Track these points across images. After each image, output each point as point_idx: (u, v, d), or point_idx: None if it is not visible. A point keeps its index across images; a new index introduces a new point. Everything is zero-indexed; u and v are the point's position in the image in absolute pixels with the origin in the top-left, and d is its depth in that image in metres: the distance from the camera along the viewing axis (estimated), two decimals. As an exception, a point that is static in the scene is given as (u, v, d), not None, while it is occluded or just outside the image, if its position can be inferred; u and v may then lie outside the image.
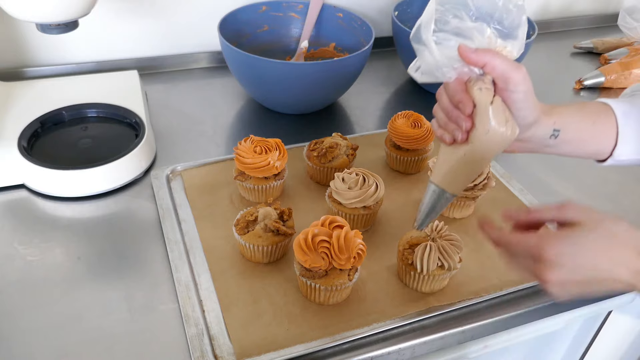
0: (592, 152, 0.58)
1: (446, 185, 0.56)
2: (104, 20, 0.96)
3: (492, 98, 0.50)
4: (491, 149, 0.52)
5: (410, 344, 0.59)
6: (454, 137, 0.53)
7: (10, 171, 0.74)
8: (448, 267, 0.62)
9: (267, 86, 0.89)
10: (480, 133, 0.51)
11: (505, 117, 0.51)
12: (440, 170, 0.56)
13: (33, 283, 0.62)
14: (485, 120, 0.50)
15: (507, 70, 0.50)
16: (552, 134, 0.55)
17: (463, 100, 0.51)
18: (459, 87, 0.51)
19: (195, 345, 0.56)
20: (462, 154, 0.53)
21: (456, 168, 0.54)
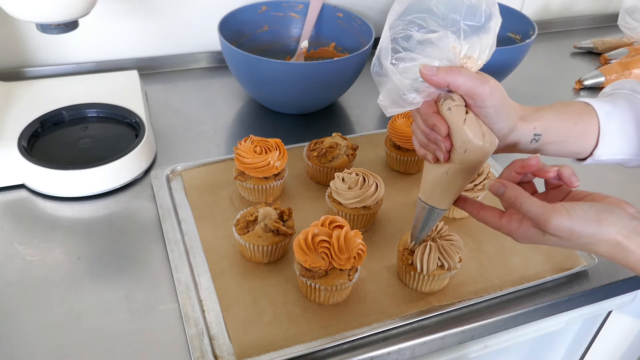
0: (573, 152, 0.58)
1: (435, 202, 0.56)
2: (104, 20, 0.96)
3: (465, 115, 0.50)
4: (473, 163, 0.52)
5: (410, 344, 0.59)
6: (436, 157, 0.53)
7: (10, 171, 0.74)
8: (448, 267, 0.62)
9: (267, 86, 0.89)
10: (459, 152, 0.51)
11: (481, 132, 0.50)
12: (427, 187, 0.56)
13: (33, 283, 0.62)
14: (462, 139, 0.50)
15: (471, 87, 0.49)
16: (533, 139, 0.55)
17: (436, 123, 0.50)
18: (430, 109, 0.51)
19: (195, 345, 0.56)
20: (446, 172, 0.53)
21: (442, 185, 0.54)
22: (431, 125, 0.51)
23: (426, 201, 0.57)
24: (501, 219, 0.51)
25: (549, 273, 0.67)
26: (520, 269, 0.68)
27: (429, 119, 0.51)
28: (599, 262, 0.69)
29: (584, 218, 0.45)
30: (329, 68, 0.86)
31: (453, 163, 0.52)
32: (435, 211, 0.57)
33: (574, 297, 0.67)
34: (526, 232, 0.49)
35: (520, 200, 0.47)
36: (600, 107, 0.57)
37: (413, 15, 0.49)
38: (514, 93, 0.68)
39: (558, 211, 0.45)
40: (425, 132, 0.53)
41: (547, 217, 0.45)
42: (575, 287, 0.67)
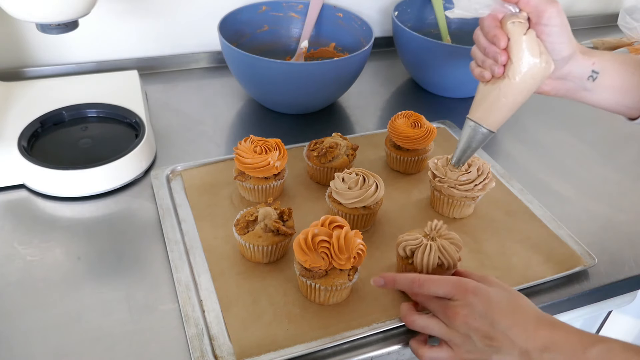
0: (628, 105, 0.57)
1: (484, 120, 0.57)
2: (104, 20, 0.96)
3: (526, 30, 0.52)
4: (527, 81, 0.53)
5: (410, 344, 0.59)
6: (492, 72, 0.54)
7: (10, 171, 0.74)
8: (447, 265, 0.62)
9: (267, 86, 0.89)
10: (515, 65, 0.52)
11: (539, 50, 0.52)
12: (478, 106, 0.57)
13: (33, 283, 0.62)
14: (519, 52, 0.52)
15: (540, 3, 0.51)
16: (590, 75, 0.55)
17: (497, 35, 0.52)
18: (493, 23, 0.53)
19: (195, 345, 0.56)
20: (499, 88, 0.54)
21: (494, 103, 0.55)
22: (492, 37, 0.53)
23: (473, 118, 0.57)
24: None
25: (549, 273, 0.67)
26: (520, 269, 0.68)
27: (490, 31, 0.53)
28: (599, 262, 0.69)
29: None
30: (329, 68, 0.86)
31: (508, 78, 0.53)
32: (480, 130, 0.57)
33: (574, 297, 0.67)
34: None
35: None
36: None
37: None
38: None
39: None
40: (484, 47, 0.54)
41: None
42: (575, 287, 0.67)
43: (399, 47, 1.03)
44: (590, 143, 0.94)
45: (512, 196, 0.79)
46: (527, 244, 0.71)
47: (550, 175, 0.86)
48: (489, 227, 0.74)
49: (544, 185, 0.83)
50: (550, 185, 0.84)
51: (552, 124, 0.99)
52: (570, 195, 0.82)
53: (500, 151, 0.90)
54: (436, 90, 1.05)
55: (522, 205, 0.77)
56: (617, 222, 0.77)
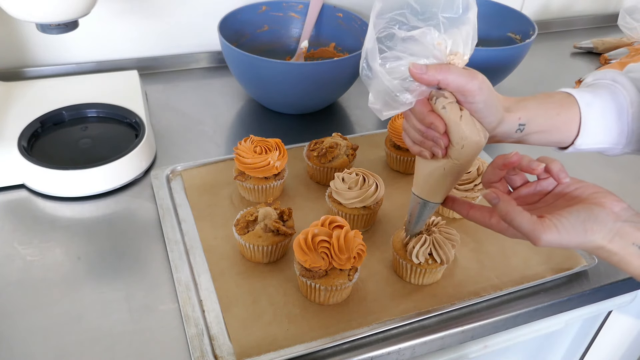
0: (556, 141, 0.59)
1: (430, 196, 0.57)
2: (104, 20, 0.96)
3: (460, 112, 0.51)
4: (469, 158, 0.53)
5: (410, 344, 0.59)
6: (434, 154, 0.53)
7: (10, 171, 0.74)
8: (440, 260, 0.62)
9: (267, 86, 0.89)
10: (457, 148, 0.52)
11: (476, 128, 0.51)
12: (421, 182, 0.57)
13: (33, 283, 0.62)
14: (459, 136, 0.51)
15: (462, 84, 0.50)
16: (517, 129, 0.56)
17: (434, 122, 0.51)
18: (425, 108, 0.52)
19: (195, 345, 0.56)
20: (442, 167, 0.54)
21: (437, 179, 0.55)
22: (428, 124, 0.52)
23: (420, 195, 0.57)
24: (491, 218, 0.52)
25: (549, 273, 0.67)
26: (520, 269, 0.68)
27: (425, 117, 0.52)
28: (599, 262, 0.69)
29: (571, 231, 0.47)
30: (329, 68, 0.86)
31: (450, 158, 0.53)
32: (429, 205, 0.58)
33: (574, 297, 0.67)
34: (515, 233, 0.50)
35: (511, 215, 0.48)
36: (581, 98, 0.57)
37: (393, 13, 0.49)
38: (514, 93, 0.68)
39: (547, 228, 0.46)
40: (420, 130, 0.53)
41: (536, 234, 0.47)
42: (575, 287, 0.67)
43: (399, 47, 1.03)
44: (590, 143, 0.94)
45: (512, 196, 0.79)
46: (527, 244, 0.71)
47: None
48: (489, 227, 0.73)
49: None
50: (550, 185, 0.84)
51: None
52: (570, 195, 0.82)
53: (500, 151, 0.90)
54: (436, 90, 1.05)
55: (522, 205, 0.77)
56: (617, 222, 0.77)
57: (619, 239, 0.47)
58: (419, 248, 0.62)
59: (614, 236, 0.47)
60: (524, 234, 0.47)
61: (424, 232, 0.64)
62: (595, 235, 0.47)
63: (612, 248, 0.47)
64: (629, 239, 0.47)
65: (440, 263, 0.62)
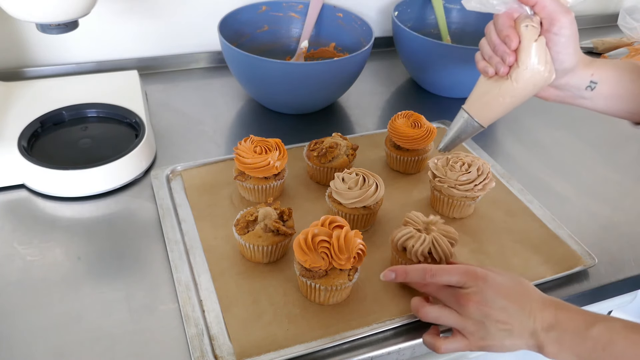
0: (628, 110, 0.58)
1: (478, 115, 0.58)
2: (104, 20, 0.96)
3: (537, 37, 0.52)
4: (527, 86, 0.54)
5: (410, 344, 0.59)
6: (496, 70, 0.54)
7: (10, 171, 0.74)
8: (439, 258, 0.62)
9: (267, 86, 0.89)
10: (521, 69, 0.53)
11: (545, 58, 0.53)
12: (475, 100, 0.58)
13: (33, 283, 0.62)
14: (527, 57, 0.52)
15: (555, 11, 0.51)
16: (588, 85, 0.56)
17: (510, 35, 0.52)
18: (508, 22, 0.53)
19: (195, 345, 0.56)
20: (500, 87, 0.55)
21: (491, 101, 0.56)
22: (504, 36, 0.53)
23: (468, 110, 0.58)
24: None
25: (549, 273, 0.67)
26: (520, 269, 0.68)
27: (504, 29, 0.53)
28: (599, 262, 0.69)
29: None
30: (329, 68, 0.86)
31: (510, 79, 0.54)
32: (474, 124, 0.58)
33: (574, 297, 0.67)
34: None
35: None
36: None
37: None
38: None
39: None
40: (494, 43, 0.54)
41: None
42: (575, 287, 0.67)
43: (399, 47, 1.03)
44: (591, 143, 0.94)
45: (512, 196, 0.79)
46: (527, 244, 0.71)
47: (550, 175, 0.86)
48: (489, 227, 0.74)
49: (544, 185, 0.83)
50: (550, 185, 0.84)
51: (552, 124, 0.99)
52: (570, 195, 0.82)
53: (500, 151, 0.90)
54: (436, 90, 1.05)
55: (522, 205, 0.77)
56: (617, 222, 0.77)
57: None
58: (419, 247, 0.62)
59: None
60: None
61: (423, 231, 0.64)
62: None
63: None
64: None
65: (439, 260, 0.62)
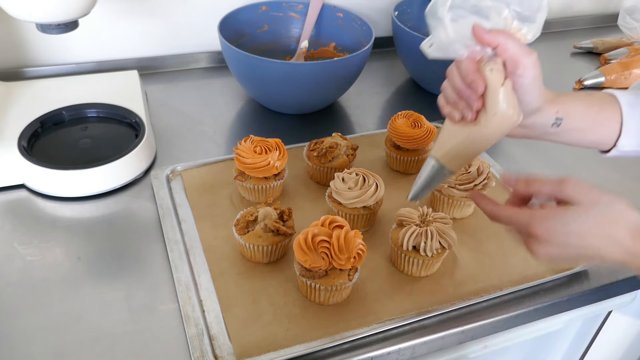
0: (595, 141, 0.58)
1: (447, 162, 0.56)
2: (104, 20, 0.96)
3: (503, 80, 0.51)
4: (496, 131, 0.52)
5: (410, 344, 0.59)
6: (462, 116, 0.53)
7: (10, 171, 0.74)
8: (448, 245, 0.63)
9: (267, 86, 0.89)
10: (489, 115, 0.51)
11: (513, 102, 0.51)
12: (442, 146, 0.56)
13: (33, 283, 0.62)
14: (496, 103, 0.51)
15: (518, 54, 0.50)
16: (554, 122, 0.55)
17: (476, 80, 0.51)
18: (472, 66, 0.52)
19: (195, 345, 0.56)
20: (468, 133, 0.53)
21: (460, 147, 0.54)
22: (469, 82, 0.52)
23: (438, 158, 0.57)
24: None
25: (549, 273, 0.67)
26: (520, 269, 0.68)
27: (468, 74, 0.52)
28: (599, 262, 0.69)
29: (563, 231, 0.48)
30: (329, 68, 0.86)
31: (478, 125, 0.52)
32: (443, 171, 0.57)
33: (574, 297, 0.67)
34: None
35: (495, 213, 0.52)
36: (623, 97, 0.56)
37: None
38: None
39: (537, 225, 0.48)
40: (459, 89, 0.53)
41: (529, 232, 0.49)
42: (575, 287, 0.67)
43: (399, 47, 1.03)
44: (590, 143, 0.94)
45: (512, 196, 0.79)
46: (527, 244, 0.71)
47: (550, 175, 0.86)
48: (489, 227, 0.73)
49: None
50: (550, 185, 0.84)
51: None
52: (570, 195, 0.82)
53: (500, 151, 0.90)
54: (436, 90, 1.05)
55: (522, 205, 0.77)
56: (617, 222, 0.77)
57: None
58: (430, 242, 0.63)
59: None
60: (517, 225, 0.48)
61: (424, 226, 0.64)
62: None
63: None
64: None
65: (448, 247, 0.64)
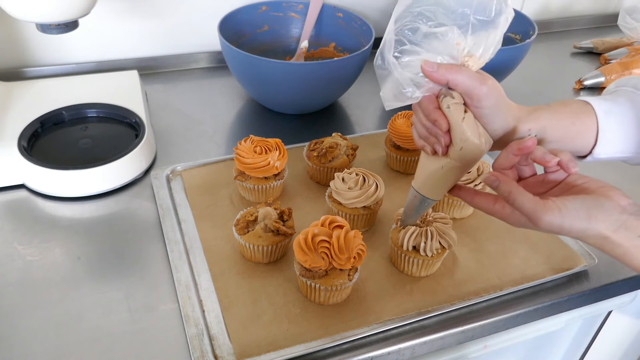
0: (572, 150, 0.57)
1: (427, 192, 0.57)
2: (104, 20, 0.96)
3: (464, 114, 0.51)
4: (468, 160, 0.53)
5: (410, 344, 0.59)
6: (434, 150, 0.54)
7: (10, 171, 0.74)
8: (448, 244, 0.63)
9: (267, 86, 0.89)
10: (457, 148, 0.52)
11: (478, 131, 0.52)
12: (421, 178, 0.58)
13: (33, 283, 0.62)
14: (460, 137, 0.51)
15: (469, 87, 0.50)
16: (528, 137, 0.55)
17: (438, 119, 0.51)
18: (431, 104, 0.52)
19: (195, 345, 0.56)
20: (441, 165, 0.54)
21: (436, 177, 0.56)
22: (432, 120, 0.52)
23: (419, 191, 0.58)
24: (495, 204, 0.52)
25: (549, 273, 0.67)
26: (520, 269, 0.68)
27: (430, 113, 0.52)
28: (599, 262, 0.69)
29: (574, 215, 0.46)
30: (329, 68, 0.86)
31: (450, 158, 0.53)
32: (427, 201, 0.58)
33: (574, 297, 0.67)
34: (519, 219, 0.49)
35: (513, 195, 0.47)
36: (599, 106, 0.56)
37: (423, 7, 0.49)
38: (514, 93, 0.68)
39: (549, 209, 0.46)
40: (426, 126, 0.54)
41: (538, 214, 0.46)
42: (575, 287, 0.67)
43: (399, 47, 1.03)
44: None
45: (512, 196, 0.79)
46: (527, 244, 0.71)
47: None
48: (489, 227, 0.74)
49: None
50: (550, 185, 0.84)
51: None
52: (570, 195, 0.82)
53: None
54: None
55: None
56: (617, 222, 0.77)
57: (625, 230, 0.46)
58: (430, 242, 0.63)
59: (619, 227, 0.46)
60: (526, 214, 0.47)
61: (424, 226, 0.65)
62: (599, 223, 0.46)
63: (616, 239, 0.46)
64: (635, 231, 0.46)
65: (448, 247, 0.64)
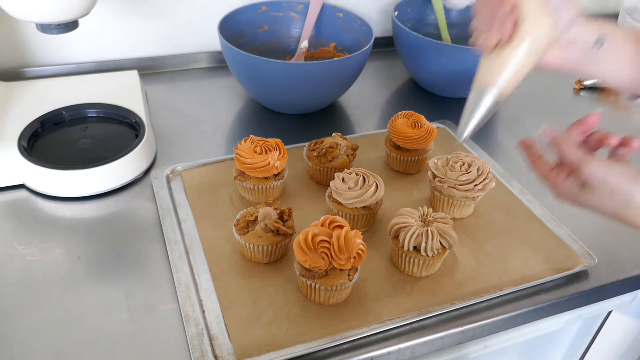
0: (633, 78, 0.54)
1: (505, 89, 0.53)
2: (104, 20, 0.96)
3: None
4: (536, 42, 0.51)
5: (410, 344, 0.59)
6: (500, 37, 0.50)
7: (10, 171, 0.74)
8: (449, 245, 0.63)
9: (267, 86, 0.89)
10: (525, 25, 0.50)
11: (545, 9, 0.50)
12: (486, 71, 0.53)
13: (33, 283, 0.62)
14: (527, 11, 0.50)
15: None
16: (596, 41, 0.53)
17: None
18: None
19: (195, 345, 0.56)
20: (508, 52, 0.51)
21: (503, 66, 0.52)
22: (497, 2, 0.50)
23: (480, 82, 0.53)
24: (551, 170, 0.53)
25: (549, 273, 0.67)
26: (520, 269, 0.68)
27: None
28: (599, 262, 0.69)
29: (621, 175, 0.46)
30: (329, 68, 0.86)
31: (518, 37, 0.51)
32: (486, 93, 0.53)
33: (574, 297, 0.67)
34: (567, 186, 0.50)
35: (564, 146, 0.48)
36: None
37: None
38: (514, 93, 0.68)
39: (597, 161, 0.47)
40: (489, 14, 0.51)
41: (585, 161, 0.46)
42: (575, 287, 0.67)
43: (399, 47, 1.03)
44: (590, 143, 0.94)
45: (512, 196, 0.79)
46: (527, 244, 0.71)
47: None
48: (489, 227, 0.74)
49: (543, 186, 0.83)
50: (550, 185, 0.84)
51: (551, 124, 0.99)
52: (570, 195, 0.82)
53: (500, 151, 0.90)
54: (436, 90, 1.05)
55: (522, 205, 0.77)
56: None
57: None
58: (430, 242, 0.63)
59: None
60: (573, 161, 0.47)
61: (425, 226, 0.64)
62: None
63: None
64: None
65: (449, 247, 0.63)
